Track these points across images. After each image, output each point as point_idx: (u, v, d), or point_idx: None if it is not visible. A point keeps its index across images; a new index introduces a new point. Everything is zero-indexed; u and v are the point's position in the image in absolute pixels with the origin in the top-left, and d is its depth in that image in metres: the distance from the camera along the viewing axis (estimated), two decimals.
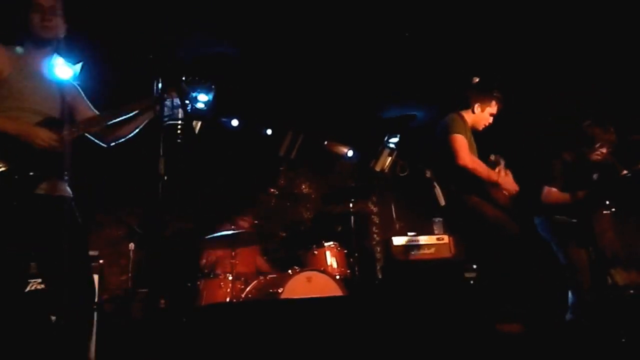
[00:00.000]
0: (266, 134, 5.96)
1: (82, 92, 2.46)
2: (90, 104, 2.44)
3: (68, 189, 2.25)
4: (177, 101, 2.33)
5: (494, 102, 3.52)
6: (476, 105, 3.51)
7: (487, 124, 3.56)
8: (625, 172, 3.62)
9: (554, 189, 3.72)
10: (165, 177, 2.12)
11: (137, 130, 2.45)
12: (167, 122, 2.29)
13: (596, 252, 3.66)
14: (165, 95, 2.27)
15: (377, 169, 5.98)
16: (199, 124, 4.40)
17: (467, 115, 3.50)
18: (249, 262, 4.60)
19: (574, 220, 3.69)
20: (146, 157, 2.17)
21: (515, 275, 3.30)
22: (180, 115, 2.33)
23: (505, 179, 3.35)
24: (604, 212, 3.80)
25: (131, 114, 2.38)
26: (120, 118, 2.37)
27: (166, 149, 2.10)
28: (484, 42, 4.48)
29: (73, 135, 2.21)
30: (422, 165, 3.77)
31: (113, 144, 2.48)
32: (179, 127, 2.33)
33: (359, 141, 6.29)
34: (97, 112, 2.40)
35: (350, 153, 6.33)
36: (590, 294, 3.56)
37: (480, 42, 4.49)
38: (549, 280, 3.70)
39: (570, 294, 3.70)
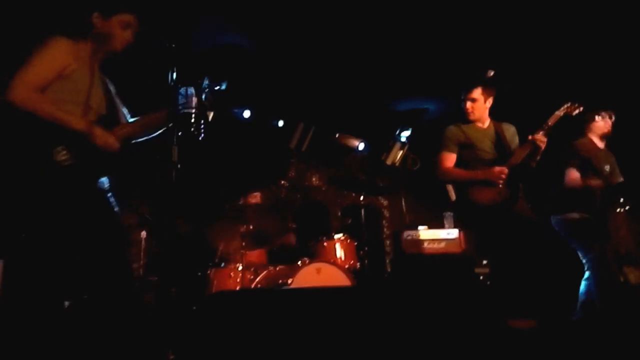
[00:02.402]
0: (277, 125, 5.96)
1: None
2: (124, 107, 2.51)
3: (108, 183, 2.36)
4: (191, 90, 2.34)
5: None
6: (489, 99, 3.61)
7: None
8: None
9: (574, 172, 3.73)
10: (179, 165, 2.13)
11: (159, 130, 2.51)
12: (182, 111, 2.29)
13: (610, 249, 3.64)
14: (180, 83, 2.28)
15: (388, 162, 5.97)
16: (212, 113, 4.42)
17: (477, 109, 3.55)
18: (261, 253, 4.62)
19: (589, 216, 3.68)
20: (158, 145, 2.20)
21: (527, 271, 3.30)
22: (194, 105, 2.33)
23: (489, 173, 3.36)
24: (618, 209, 3.78)
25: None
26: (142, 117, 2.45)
27: (180, 137, 2.11)
28: (495, 35, 4.44)
29: (123, 137, 2.34)
30: (434, 159, 3.78)
31: (138, 139, 2.53)
32: (193, 116, 2.33)
33: (371, 134, 6.27)
34: (128, 115, 2.49)
35: (361, 146, 6.31)
36: (605, 291, 3.54)
37: (492, 35, 4.44)
38: (560, 278, 3.69)
39: (581, 292, 3.68)
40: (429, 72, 5.06)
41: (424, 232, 4.93)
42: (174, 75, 2.21)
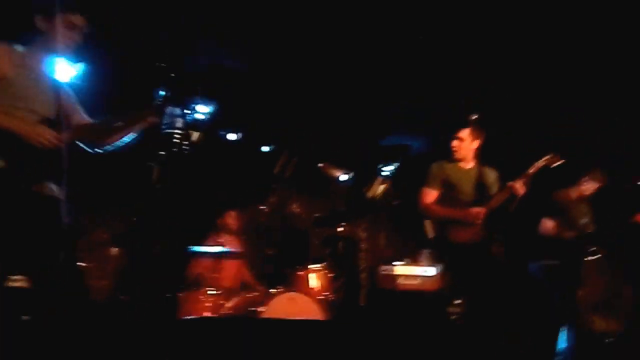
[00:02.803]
0: (263, 150, 5.96)
1: (76, 98, 2.46)
2: (82, 111, 2.44)
3: (59, 190, 2.22)
4: (177, 111, 2.34)
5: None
6: (476, 141, 3.66)
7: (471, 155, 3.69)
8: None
9: (550, 222, 3.82)
10: (158, 186, 2.12)
11: (128, 140, 2.45)
12: (166, 130, 2.29)
13: (581, 296, 3.70)
14: (167, 102, 2.28)
15: (369, 196, 5.99)
16: (198, 134, 4.41)
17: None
18: (234, 276, 4.56)
19: (562, 263, 3.74)
20: (139, 162, 2.17)
21: (497, 314, 3.32)
22: (179, 125, 2.33)
23: (467, 213, 3.38)
24: (590, 258, 3.85)
25: (125, 123, 2.38)
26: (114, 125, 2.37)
27: (161, 157, 2.10)
28: (489, 79, 4.55)
29: (67, 140, 2.20)
30: (414, 196, 3.82)
31: (101, 151, 2.46)
32: (177, 136, 2.33)
33: (355, 166, 6.31)
34: (89, 120, 2.40)
35: (344, 177, 6.32)
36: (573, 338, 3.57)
37: (486, 78, 4.56)
38: (531, 323, 3.71)
39: (561, 338, 3.70)
40: (418, 110, 5.15)
41: (400, 268, 4.93)
42: (161, 94, 2.22)
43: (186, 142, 2.44)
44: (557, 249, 3.80)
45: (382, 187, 6.08)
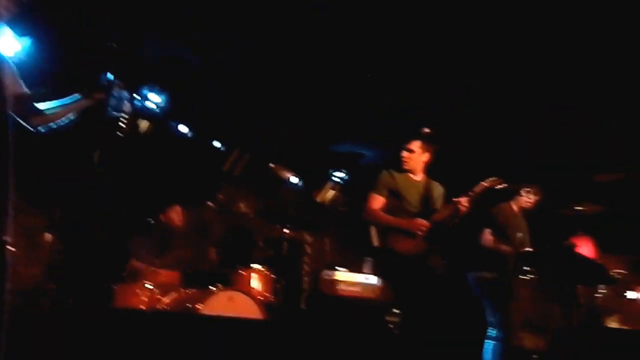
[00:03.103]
0: (214, 146, 5.86)
1: (15, 70, 2.31)
2: (23, 85, 2.30)
3: None
4: (125, 94, 2.25)
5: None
6: (426, 154, 3.73)
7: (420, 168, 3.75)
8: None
9: (489, 234, 3.96)
10: (99, 169, 2.03)
11: (70, 119, 2.32)
12: (111, 114, 2.20)
13: (513, 312, 3.84)
14: (114, 85, 2.19)
15: (318, 200, 6.01)
16: (147, 123, 4.29)
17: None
18: (173, 274, 4.43)
19: (500, 278, 3.88)
20: (79, 144, 2.07)
21: (432, 324, 3.39)
22: (125, 109, 2.24)
23: (411, 223, 3.46)
24: (524, 277, 4.01)
25: (66, 100, 2.26)
26: (56, 104, 2.24)
27: (104, 140, 2.02)
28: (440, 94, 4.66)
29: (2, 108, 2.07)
30: (362, 204, 3.85)
31: (42, 129, 2.32)
32: (123, 120, 2.24)
33: (306, 170, 6.32)
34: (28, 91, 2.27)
35: (294, 179, 6.32)
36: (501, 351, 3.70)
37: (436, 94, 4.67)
38: (465, 335, 3.81)
39: (485, 350, 3.82)
40: (374, 119, 5.21)
41: (342, 274, 4.97)
42: (109, 76, 2.13)
43: (133, 128, 2.36)
44: (494, 262, 3.93)
45: (331, 193, 6.13)
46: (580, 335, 3.73)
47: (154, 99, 4.72)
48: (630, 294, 4.23)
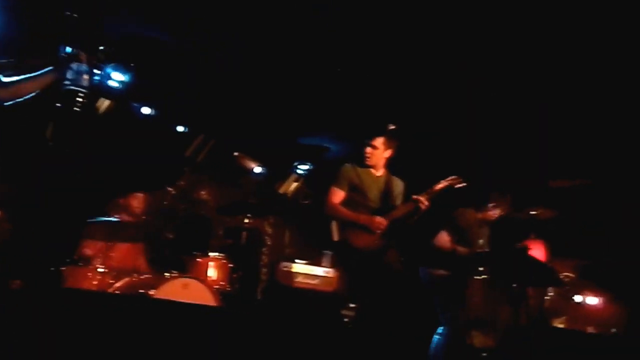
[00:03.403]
0: (177, 130, 5.74)
1: None
2: None
3: None
4: (84, 67, 2.15)
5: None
6: (388, 151, 3.74)
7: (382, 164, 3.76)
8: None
9: (446, 235, 3.98)
10: (52, 144, 1.95)
11: (34, 93, 2.22)
12: (68, 87, 2.10)
13: (463, 311, 3.92)
14: (74, 57, 2.10)
15: (281, 191, 5.98)
16: (108, 102, 4.14)
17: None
18: (127, 259, 4.32)
19: (452, 276, 3.94)
20: (33, 118, 1.98)
21: (386, 319, 3.43)
22: (84, 83, 2.15)
23: (370, 220, 3.48)
24: (476, 277, 4.10)
25: (30, 74, 2.16)
26: (20, 77, 2.14)
27: (59, 114, 1.93)
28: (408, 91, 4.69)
29: None
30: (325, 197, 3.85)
31: (7, 102, 2.21)
32: (80, 95, 2.15)
33: (270, 160, 6.27)
34: None
35: (258, 169, 6.27)
36: (451, 349, 3.76)
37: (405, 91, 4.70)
38: (416, 330, 3.87)
39: (431, 345, 3.89)
40: (339, 114, 5.20)
41: (300, 266, 4.96)
42: (69, 47, 2.04)
43: (92, 106, 2.28)
44: (448, 261, 3.98)
45: (295, 185, 6.12)
46: (527, 335, 3.84)
47: (117, 77, 4.59)
48: (577, 297, 4.38)
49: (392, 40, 4.00)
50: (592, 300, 4.37)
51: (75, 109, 2.13)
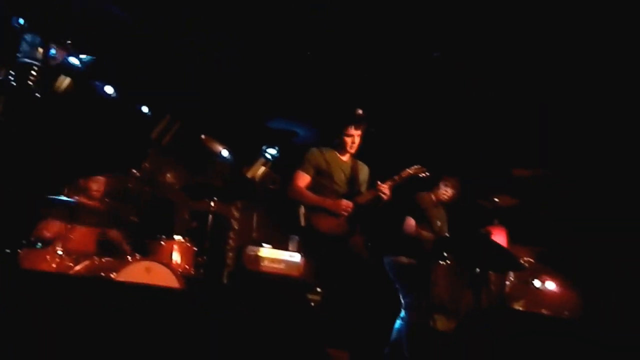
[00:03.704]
0: (142, 111, 5.58)
1: None
2: None
3: None
4: (38, 39, 2.06)
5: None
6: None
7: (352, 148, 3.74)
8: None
9: (412, 221, 4.05)
10: (2, 120, 1.86)
11: None
12: (21, 60, 2.01)
13: (426, 296, 3.99)
14: (27, 29, 2.00)
15: (249, 175, 5.93)
16: (68, 80, 3.99)
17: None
18: (88, 242, 4.21)
19: (415, 263, 4.00)
20: None
21: (350, 303, 3.46)
22: (38, 56, 2.05)
23: (336, 204, 3.49)
24: (441, 262, 4.17)
25: None
26: None
27: (10, 87, 1.84)
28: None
29: None
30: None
31: None
32: (34, 69, 2.05)
33: (238, 144, 6.19)
34: None
35: (225, 153, 6.19)
36: (413, 333, 3.83)
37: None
38: (379, 314, 3.92)
39: (394, 329, 3.95)
40: (310, 98, 5.16)
41: (266, 251, 4.94)
42: (22, 19, 1.94)
43: (50, 83, 2.18)
44: (412, 247, 4.04)
45: (262, 169, 6.07)
46: (487, 317, 3.94)
47: (78, 55, 4.42)
48: (536, 282, 4.51)
49: (360, 26, 3.99)
50: (550, 285, 4.50)
51: (28, 83, 2.04)
